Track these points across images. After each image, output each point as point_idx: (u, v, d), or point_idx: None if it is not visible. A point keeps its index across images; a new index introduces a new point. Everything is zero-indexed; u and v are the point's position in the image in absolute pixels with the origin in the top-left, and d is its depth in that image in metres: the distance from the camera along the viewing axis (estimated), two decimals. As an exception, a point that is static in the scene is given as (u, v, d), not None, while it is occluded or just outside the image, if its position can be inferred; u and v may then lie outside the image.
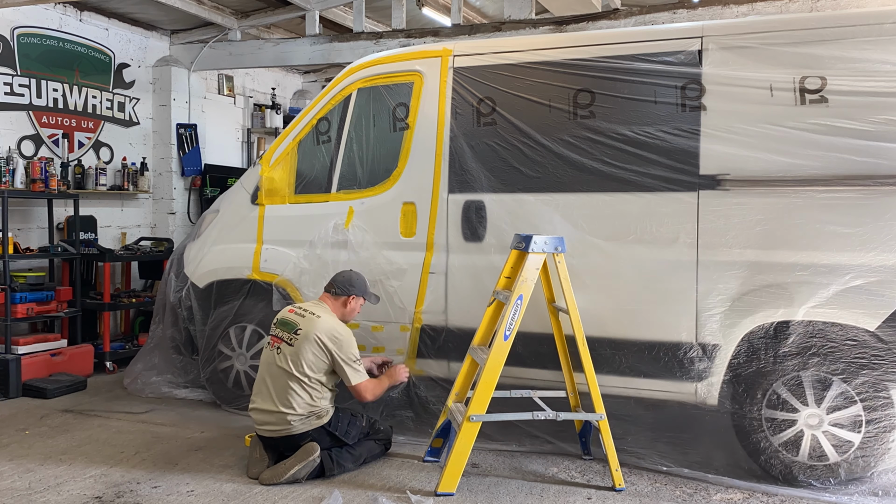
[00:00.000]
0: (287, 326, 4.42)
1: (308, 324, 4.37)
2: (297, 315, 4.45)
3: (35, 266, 6.95)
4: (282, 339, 4.39)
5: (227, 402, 5.62)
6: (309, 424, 4.31)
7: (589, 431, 4.62)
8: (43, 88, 7.14)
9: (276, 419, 4.30)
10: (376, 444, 4.58)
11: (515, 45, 4.96)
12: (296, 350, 4.31)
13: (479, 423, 4.09)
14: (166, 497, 4.03)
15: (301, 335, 4.33)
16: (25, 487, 4.16)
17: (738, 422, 4.30)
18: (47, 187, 6.70)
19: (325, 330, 4.34)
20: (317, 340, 4.31)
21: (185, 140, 8.43)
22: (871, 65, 4.02)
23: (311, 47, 7.76)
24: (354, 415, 4.54)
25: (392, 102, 5.18)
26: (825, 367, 4.11)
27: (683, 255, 4.37)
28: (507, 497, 4.09)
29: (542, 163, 4.70)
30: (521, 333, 4.22)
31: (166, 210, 8.40)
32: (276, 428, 4.31)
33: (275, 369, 4.36)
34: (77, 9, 7.43)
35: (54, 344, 6.57)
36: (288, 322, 4.44)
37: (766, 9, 5.92)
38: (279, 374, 4.33)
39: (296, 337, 4.34)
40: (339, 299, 4.58)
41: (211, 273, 5.67)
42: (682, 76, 4.39)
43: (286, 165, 5.48)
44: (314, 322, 4.36)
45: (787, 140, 4.15)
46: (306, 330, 4.34)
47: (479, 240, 4.87)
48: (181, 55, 8.49)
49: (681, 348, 4.35)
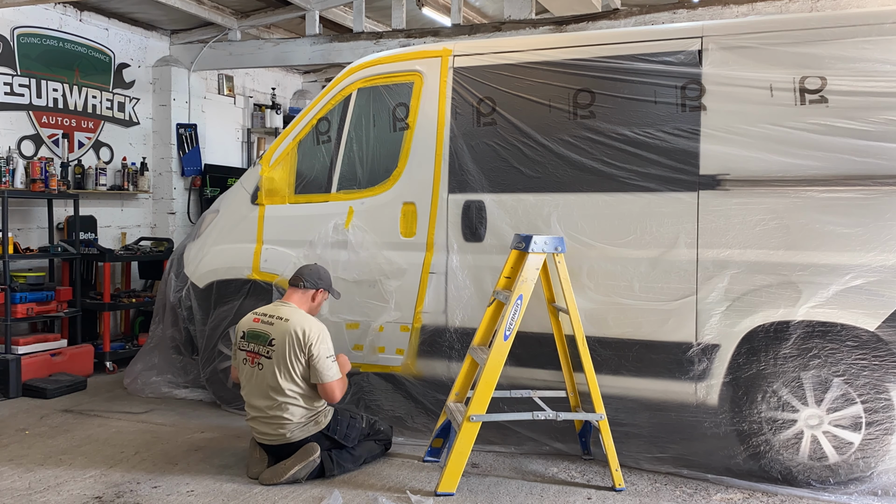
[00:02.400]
0: (259, 339, 4.28)
1: (279, 331, 4.22)
2: (265, 324, 4.30)
3: (35, 266, 6.95)
4: (259, 354, 4.26)
5: (227, 402, 5.62)
6: (307, 431, 4.27)
7: (589, 431, 4.62)
8: (43, 88, 7.14)
9: (273, 430, 4.25)
10: (376, 444, 4.57)
11: (515, 45, 4.96)
12: (276, 362, 4.20)
13: (479, 422, 4.09)
14: (166, 497, 4.03)
15: (276, 345, 4.20)
16: (25, 487, 4.16)
17: (738, 422, 4.29)
18: (47, 187, 6.70)
19: (297, 331, 4.19)
20: (293, 345, 4.17)
21: (185, 140, 8.43)
22: (872, 65, 4.02)
23: (311, 47, 7.77)
24: (353, 416, 4.50)
25: (392, 102, 5.18)
26: (825, 368, 4.11)
27: (683, 255, 4.37)
28: (507, 497, 4.09)
29: (543, 163, 4.70)
30: (521, 333, 4.22)
31: (166, 210, 8.40)
32: (274, 437, 4.27)
33: (261, 386, 4.24)
34: (77, 9, 7.44)
35: (54, 344, 6.57)
36: (258, 334, 4.29)
37: (766, 9, 5.92)
38: (267, 389, 4.22)
39: (272, 349, 4.21)
40: (308, 293, 4.47)
41: (211, 273, 5.67)
42: (682, 76, 4.39)
43: (286, 165, 5.48)
44: (284, 326, 4.22)
45: (787, 140, 4.15)
46: (280, 338, 4.20)
47: (479, 240, 4.87)
48: (181, 55, 8.49)
49: (681, 348, 4.35)
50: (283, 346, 4.20)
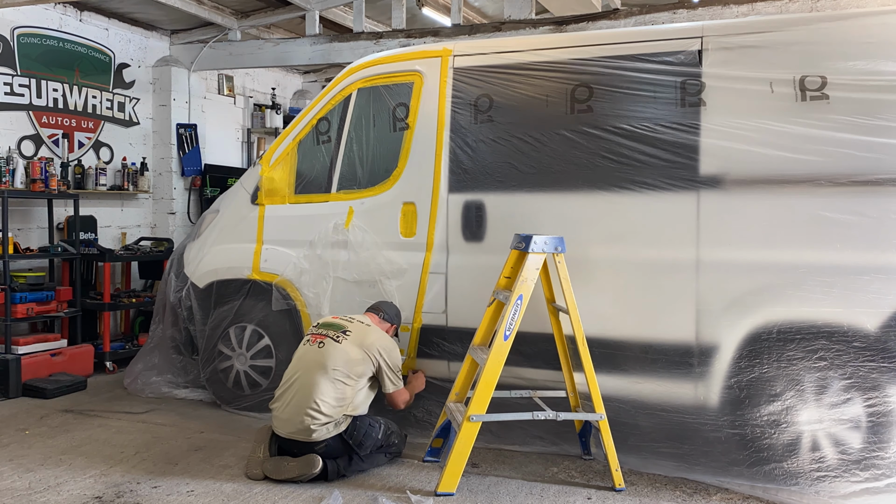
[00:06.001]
0: (334, 327, 4.49)
1: (360, 329, 4.48)
2: (345, 321, 4.56)
3: (35, 266, 6.94)
4: (326, 336, 4.43)
5: (227, 402, 5.62)
6: (327, 431, 4.24)
7: (589, 431, 4.61)
8: (43, 88, 7.14)
9: (299, 419, 4.23)
10: (385, 456, 4.53)
11: (515, 45, 4.96)
12: (342, 348, 4.34)
13: (479, 423, 4.09)
14: (166, 497, 4.03)
15: (351, 337, 4.41)
16: (25, 487, 4.16)
17: (738, 422, 4.29)
18: (47, 187, 6.70)
19: (378, 338, 4.47)
20: (369, 346, 4.39)
21: (185, 140, 8.43)
22: (872, 64, 4.02)
23: (311, 47, 7.77)
24: (372, 424, 4.41)
25: (392, 102, 5.18)
26: (826, 367, 4.10)
27: (683, 253, 4.37)
28: (507, 497, 4.09)
29: (542, 162, 4.70)
30: (521, 333, 4.21)
31: (166, 210, 8.40)
32: (297, 428, 4.24)
33: (310, 363, 4.34)
34: (77, 9, 7.44)
35: (54, 344, 6.57)
36: (334, 324, 4.52)
37: (766, 9, 5.92)
38: (313, 367, 4.30)
39: (345, 336, 4.41)
40: (385, 324, 4.75)
41: (211, 273, 5.67)
42: (682, 76, 4.39)
43: (286, 165, 5.48)
44: (367, 330, 4.49)
45: (787, 139, 4.15)
46: (358, 335, 4.43)
47: (479, 240, 4.88)
48: (181, 55, 8.49)
49: (681, 349, 4.35)
50: (355, 341, 4.39)
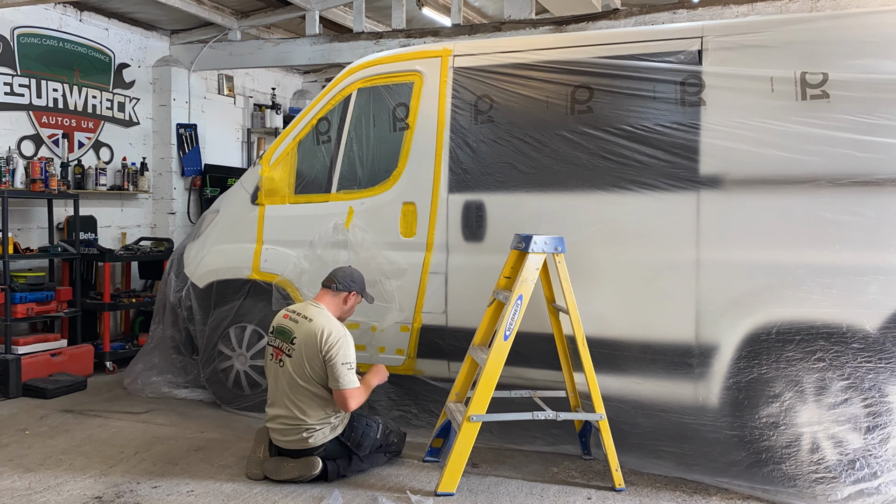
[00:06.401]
0: (283, 335, 4.29)
1: (301, 329, 4.22)
2: (291, 321, 4.30)
3: (35, 266, 6.95)
4: (282, 351, 4.28)
5: (227, 402, 5.62)
6: (323, 436, 4.22)
7: (589, 431, 4.62)
8: (43, 88, 7.14)
9: (292, 432, 4.22)
10: (384, 456, 4.52)
11: (515, 45, 4.96)
12: (296, 360, 4.20)
13: (479, 423, 4.09)
14: (166, 497, 4.03)
15: (297, 343, 4.21)
16: (25, 487, 4.16)
17: (738, 422, 4.28)
18: (47, 187, 6.70)
19: (318, 332, 4.17)
20: (311, 345, 4.17)
21: (185, 140, 8.43)
22: (873, 63, 4.02)
23: (311, 47, 7.77)
24: (369, 424, 4.39)
25: (392, 102, 5.18)
26: (825, 368, 4.10)
27: (683, 254, 4.36)
28: (507, 497, 4.09)
29: (542, 162, 4.70)
30: (521, 333, 4.21)
31: (166, 210, 8.40)
32: (292, 438, 4.23)
33: (283, 382, 4.25)
34: (77, 9, 7.44)
35: (54, 344, 6.57)
36: (284, 330, 4.31)
37: (766, 9, 5.91)
38: (286, 388, 4.23)
39: (293, 347, 4.22)
40: (340, 295, 4.43)
41: (211, 273, 5.67)
42: (682, 75, 4.39)
43: (286, 165, 5.48)
44: (306, 326, 4.22)
45: (787, 139, 4.14)
46: (301, 337, 4.21)
47: (479, 240, 4.87)
48: (181, 55, 8.49)
49: (681, 349, 4.34)
50: (302, 346, 4.19)
